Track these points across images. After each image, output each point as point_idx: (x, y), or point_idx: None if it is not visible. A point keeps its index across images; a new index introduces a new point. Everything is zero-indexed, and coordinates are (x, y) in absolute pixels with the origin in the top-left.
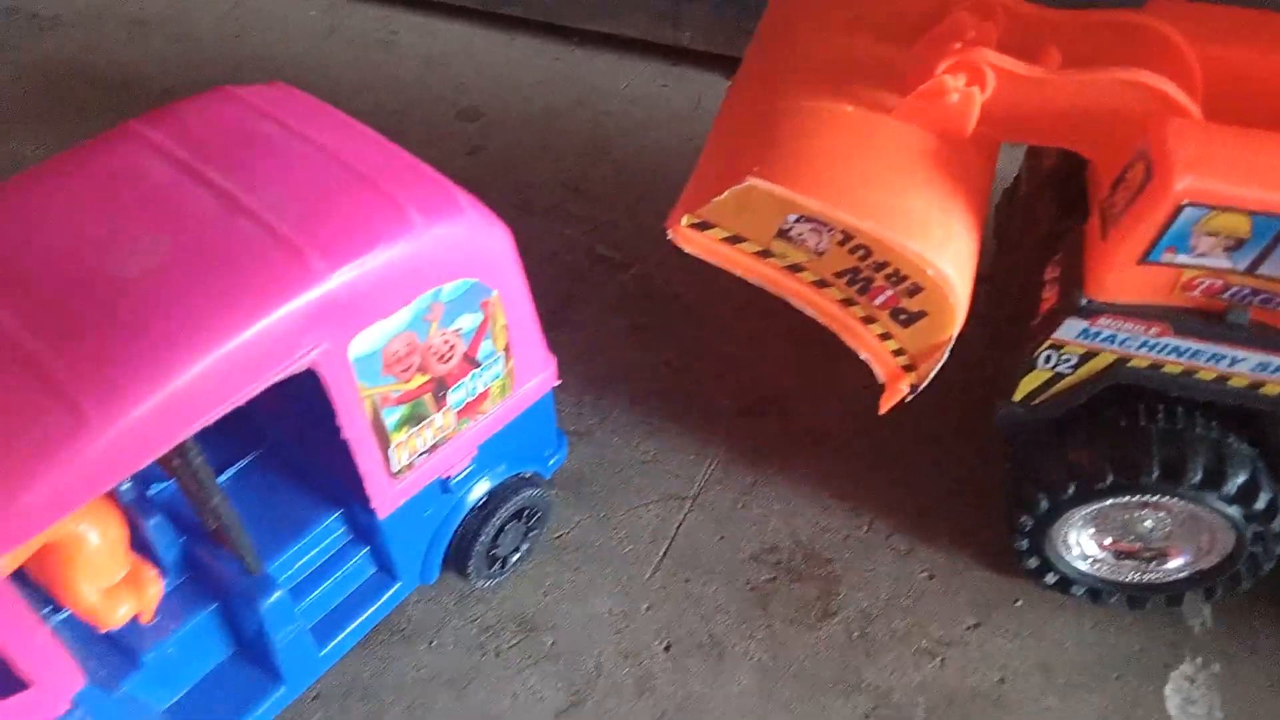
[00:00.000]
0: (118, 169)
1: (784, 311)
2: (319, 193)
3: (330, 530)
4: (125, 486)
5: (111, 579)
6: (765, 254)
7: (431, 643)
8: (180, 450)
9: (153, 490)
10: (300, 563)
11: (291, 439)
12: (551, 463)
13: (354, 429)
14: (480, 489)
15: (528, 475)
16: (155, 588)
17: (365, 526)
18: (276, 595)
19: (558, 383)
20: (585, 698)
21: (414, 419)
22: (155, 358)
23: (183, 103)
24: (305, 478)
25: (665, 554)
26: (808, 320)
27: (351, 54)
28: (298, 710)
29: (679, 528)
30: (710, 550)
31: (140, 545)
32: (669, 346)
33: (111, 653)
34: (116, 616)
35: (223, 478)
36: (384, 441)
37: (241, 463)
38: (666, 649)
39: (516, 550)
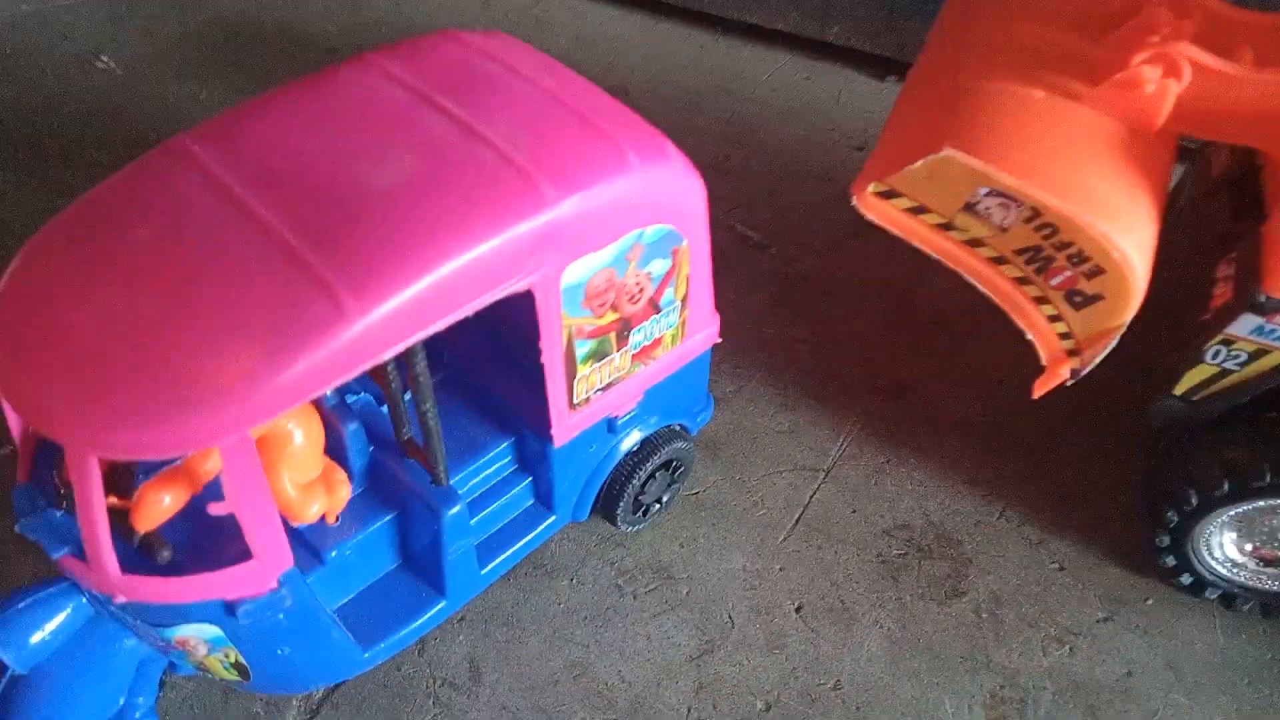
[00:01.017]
0: (359, 92)
1: (916, 299)
2: (545, 128)
3: (500, 456)
4: (328, 393)
5: (308, 476)
6: (947, 227)
7: (572, 580)
8: (409, 352)
9: (350, 400)
10: (472, 483)
11: (468, 367)
12: (699, 420)
13: (551, 355)
14: (638, 434)
15: (677, 428)
16: (345, 490)
17: (533, 456)
18: (458, 508)
19: (718, 340)
20: (717, 647)
21: (598, 354)
22: (405, 260)
23: (412, 40)
24: (478, 405)
25: (798, 520)
26: (940, 308)
27: (505, 28)
28: (445, 630)
29: (812, 497)
30: (842, 521)
31: (332, 451)
32: (804, 325)
33: (298, 547)
34: (309, 513)
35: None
36: (571, 372)
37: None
38: (798, 609)
39: (658, 501)
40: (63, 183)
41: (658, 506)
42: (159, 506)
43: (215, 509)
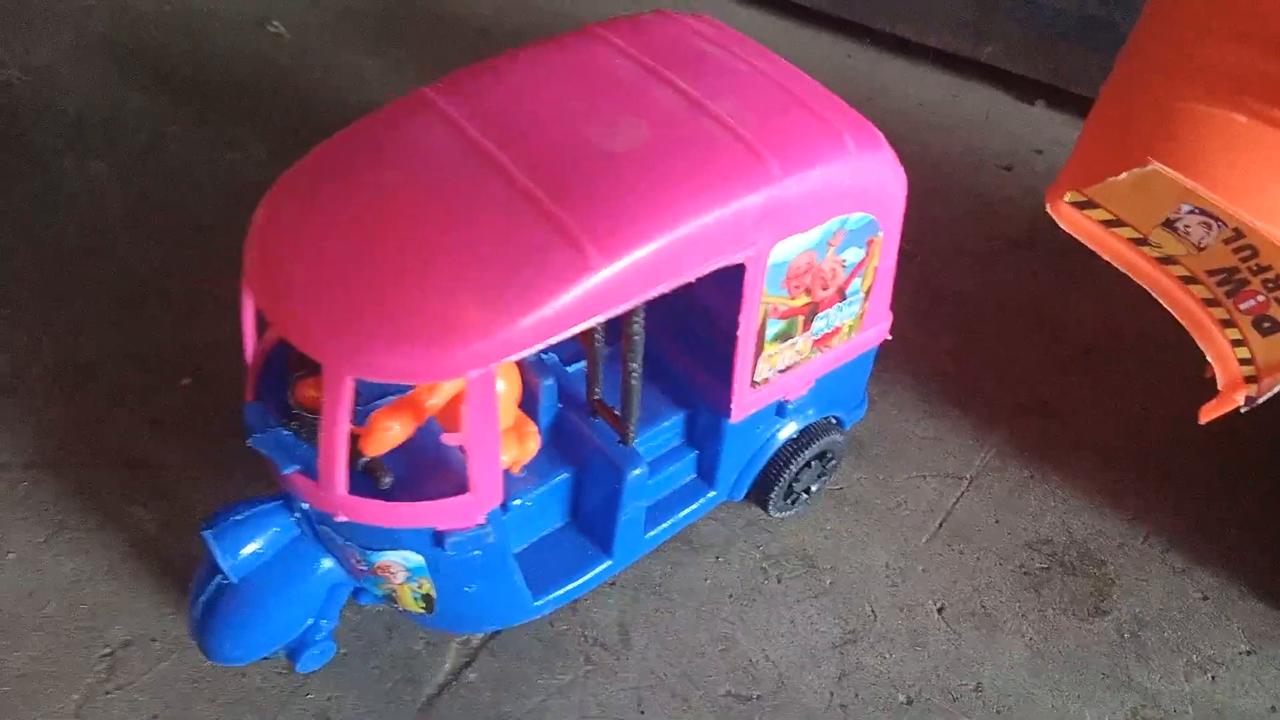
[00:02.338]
0: (588, 61)
1: (1063, 320)
2: (766, 108)
3: (673, 428)
4: None
5: (503, 426)
6: (1140, 242)
7: (719, 558)
8: (630, 310)
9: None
10: (650, 448)
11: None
12: (854, 415)
13: (746, 330)
14: (801, 420)
15: (834, 420)
16: (534, 443)
17: (704, 431)
18: (641, 469)
19: (888, 338)
20: (860, 638)
21: (784, 336)
22: (647, 219)
23: (632, 17)
24: (651, 376)
25: (941, 525)
26: (1088, 331)
27: None
28: (596, 593)
29: (955, 503)
30: (985, 530)
31: (523, 404)
32: (947, 337)
33: None
34: (501, 460)
35: (576, 366)
36: (759, 350)
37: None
38: (940, 610)
39: (807, 490)
40: (234, 134)
41: (805, 496)
42: (388, 434)
43: (448, 439)
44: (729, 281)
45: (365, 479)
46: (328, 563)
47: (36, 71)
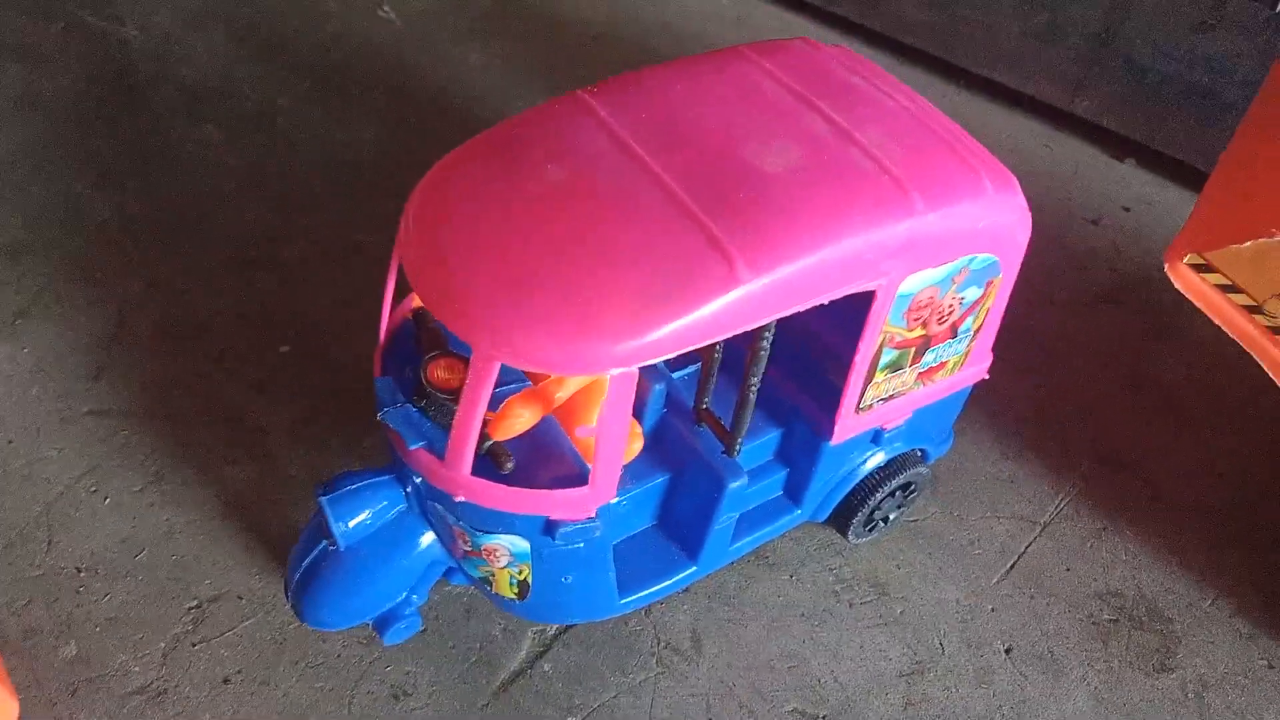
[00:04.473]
0: (738, 81)
1: (1147, 375)
2: (909, 141)
3: (769, 444)
4: None
5: None
6: (1254, 309)
7: (791, 576)
8: (762, 326)
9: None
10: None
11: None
12: (939, 450)
13: (864, 356)
14: (891, 450)
15: (920, 453)
16: (638, 444)
17: (799, 450)
18: (742, 480)
19: (986, 377)
20: (927, 669)
21: (894, 366)
22: (794, 239)
23: (776, 41)
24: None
25: (1012, 567)
26: (1172, 388)
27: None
28: (672, 598)
29: (1028, 547)
30: (1056, 577)
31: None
32: (1029, 380)
33: None
34: None
35: (680, 372)
36: (870, 377)
37: (691, 368)
38: (1007, 651)
39: (885, 519)
40: (343, 115)
41: (883, 524)
42: (517, 420)
43: (581, 432)
44: (837, 306)
45: (486, 463)
46: (428, 539)
47: (155, 32)
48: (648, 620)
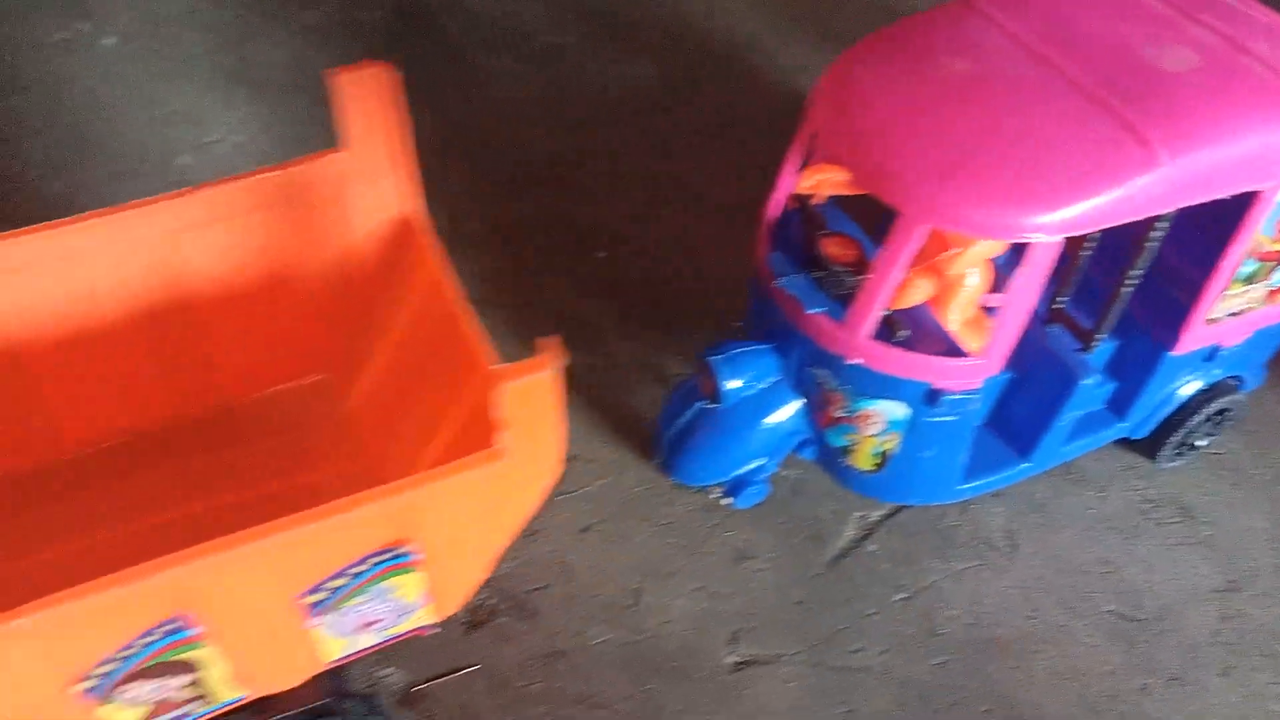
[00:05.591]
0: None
1: None
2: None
3: (1102, 355)
4: None
5: (968, 316)
6: None
7: (1099, 492)
8: (1155, 217)
9: None
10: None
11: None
12: (1254, 380)
13: (1229, 262)
14: (1213, 374)
15: (1235, 380)
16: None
17: (1133, 361)
18: (1094, 378)
19: None
20: (1242, 588)
21: (1249, 279)
22: (1209, 130)
23: None
24: (1082, 303)
25: None
26: None
27: None
28: (983, 500)
29: None
30: None
31: None
32: None
33: None
34: (970, 346)
35: None
36: (1223, 287)
37: None
38: None
39: (1193, 446)
40: (619, 52)
41: (1190, 451)
42: (917, 291)
43: (989, 300)
44: (1180, 220)
45: (883, 330)
46: (793, 409)
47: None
48: (964, 517)
